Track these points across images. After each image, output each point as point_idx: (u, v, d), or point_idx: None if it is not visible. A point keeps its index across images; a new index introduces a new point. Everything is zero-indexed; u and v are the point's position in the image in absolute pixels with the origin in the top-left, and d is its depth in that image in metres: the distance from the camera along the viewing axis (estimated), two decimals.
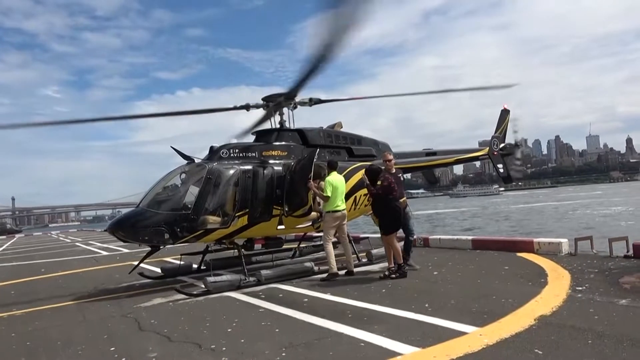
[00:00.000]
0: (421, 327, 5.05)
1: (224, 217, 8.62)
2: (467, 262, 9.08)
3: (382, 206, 8.21)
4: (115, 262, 14.90)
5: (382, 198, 8.15)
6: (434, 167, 13.61)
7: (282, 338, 5.04)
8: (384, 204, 8.17)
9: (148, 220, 8.25)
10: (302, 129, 10.43)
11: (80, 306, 7.87)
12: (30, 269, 15.26)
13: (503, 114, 14.76)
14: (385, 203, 8.14)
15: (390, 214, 8.16)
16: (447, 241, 11.60)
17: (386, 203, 8.14)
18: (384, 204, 8.18)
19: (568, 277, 6.93)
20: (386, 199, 8.12)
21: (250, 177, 8.88)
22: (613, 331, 4.37)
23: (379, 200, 8.22)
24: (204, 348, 4.90)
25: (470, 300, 6.00)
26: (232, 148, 9.21)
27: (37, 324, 6.83)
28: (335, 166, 8.97)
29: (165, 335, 5.53)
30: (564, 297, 5.81)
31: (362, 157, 11.06)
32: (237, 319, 6.05)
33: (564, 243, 9.22)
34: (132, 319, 6.55)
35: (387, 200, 8.12)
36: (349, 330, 5.08)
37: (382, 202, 8.19)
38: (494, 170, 14.66)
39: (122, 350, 5.07)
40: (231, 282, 8.08)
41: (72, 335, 5.92)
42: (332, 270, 8.38)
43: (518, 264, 8.48)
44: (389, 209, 8.16)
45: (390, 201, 8.13)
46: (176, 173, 8.98)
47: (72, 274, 13.00)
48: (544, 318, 4.98)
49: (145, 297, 8.11)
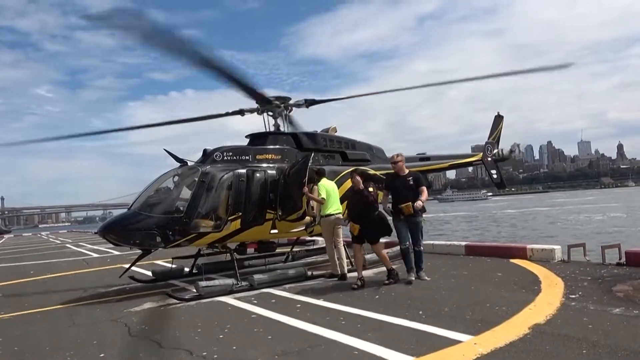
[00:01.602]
0: (415, 335, 5.01)
1: (216, 220, 8.54)
2: (461, 268, 9.07)
3: (368, 214, 8.04)
4: (105, 265, 14.75)
5: (368, 205, 8.03)
6: (428, 172, 13.60)
7: (275, 345, 4.98)
8: (371, 212, 8.03)
9: (140, 224, 8.16)
10: (296, 132, 10.41)
11: (70, 310, 7.76)
12: (19, 271, 15.06)
13: (497, 120, 14.81)
14: (373, 211, 8.05)
15: (377, 223, 8.04)
16: (441, 247, 11.58)
17: (374, 211, 8.05)
18: (371, 212, 8.03)
19: (561, 285, 6.92)
20: (373, 207, 8.06)
21: (244, 181, 8.81)
22: (608, 341, 4.36)
23: (365, 208, 8.06)
24: (195, 355, 4.83)
25: (464, 308, 5.97)
26: (226, 151, 9.13)
27: (25, 327, 6.73)
28: (324, 173, 9.05)
29: (155, 341, 5.46)
30: (557, 305, 5.80)
31: (356, 161, 11.04)
32: (229, 325, 5.98)
33: (557, 250, 9.23)
34: (122, 324, 6.45)
35: (374, 209, 8.06)
36: (342, 338, 5.03)
37: (369, 210, 8.04)
38: (487, 176, 14.70)
39: (112, 356, 5.00)
40: (223, 287, 8.00)
41: (61, 341, 5.83)
42: (335, 272, 8.72)
43: (511, 270, 8.47)
44: (376, 218, 8.03)
45: (376, 209, 8.08)
46: (169, 176, 8.90)
47: (62, 276, 12.84)
48: (538, 327, 4.96)
49: (136, 301, 8.01)
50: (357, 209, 8.17)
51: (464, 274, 8.50)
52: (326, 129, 11.32)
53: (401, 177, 8.22)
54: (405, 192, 8.04)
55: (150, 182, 8.92)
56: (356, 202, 8.24)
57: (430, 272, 8.75)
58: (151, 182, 8.87)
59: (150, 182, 8.92)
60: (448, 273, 8.64)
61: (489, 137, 14.37)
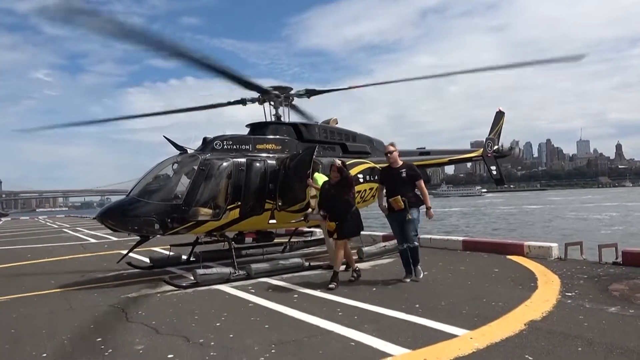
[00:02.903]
0: (411, 327, 5.03)
1: (215, 209, 8.55)
2: (458, 263, 9.09)
3: (346, 210, 7.51)
4: (103, 250, 14.75)
5: (346, 200, 7.54)
6: (427, 167, 13.60)
7: (272, 334, 5.00)
8: (348, 208, 7.54)
9: (138, 210, 8.16)
10: (297, 123, 10.38)
11: (67, 294, 7.77)
12: (16, 254, 15.06)
13: (498, 116, 14.81)
14: (350, 207, 7.57)
15: (352, 220, 7.53)
16: (438, 241, 11.60)
17: (350, 207, 7.58)
18: (348, 208, 7.53)
19: (558, 282, 6.95)
20: (350, 203, 7.60)
21: (243, 170, 8.79)
22: (603, 339, 4.38)
23: (343, 203, 7.53)
24: (192, 342, 4.84)
25: (460, 303, 5.99)
26: (226, 140, 9.11)
27: (22, 310, 6.73)
28: (318, 169, 9.16)
29: (152, 327, 5.46)
30: (553, 302, 5.82)
31: (357, 153, 11.05)
32: (226, 313, 5.99)
33: (554, 247, 9.25)
34: (119, 309, 6.47)
35: (351, 205, 7.61)
36: (339, 329, 5.05)
37: (347, 206, 7.53)
38: (486, 172, 14.71)
39: (109, 341, 5.00)
40: (220, 275, 8.02)
41: (57, 324, 5.83)
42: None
43: (508, 266, 8.50)
44: (352, 214, 7.54)
45: (353, 205, 7.65)
46: (168, 163, 8.87)
47: (59, 260, 12.84)
48: (534, 323, 4.98)
49: (133, 287, 8.02)
50: (335, 204, 7.56)
51: (461, 269, 8.52)
52: (327, 120, 11.29)
53: (394, 169, 7.76)
54: (397, 185, 7.57)
55: (150, 168, 8.90)
56: (333, 197, 7.63)
57: (427, 266, 8.76)
58: (150, 169, 8.85)
59: (150, 168, 8.90)
60: (445, 268, 8.66)
61: (490, 133, 14.37)
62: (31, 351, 4.82)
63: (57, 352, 4.74)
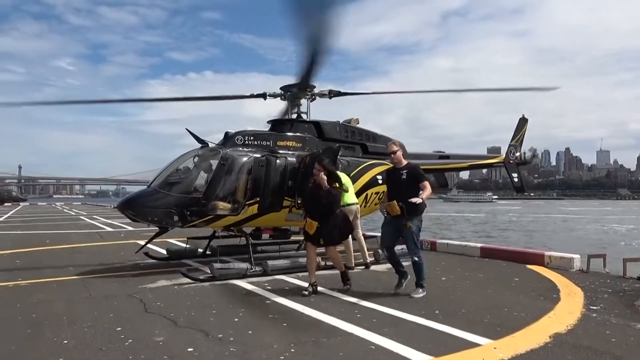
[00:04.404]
0: (432, 334, 4.95)
1: (234, 204, 8.54)
2: (476, 270, 8.96)
3: (331, 210, 6.85)
4: (119, 239, 14.89)
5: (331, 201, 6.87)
6: (446, 171, 13.45)
7: (290, 333, 4.96)
8: (334, 208, 6.90)
9: (158, 201, 8.22)
10: (318, 121, 10.31)
11: (86, 282, 7.83)
12: (35, 239, 15.29)
13: (521, 123, 14.57)
14: (336, 207, 6.96)
15: (339, 222, 6.95)
16: (455, 246, 11.46)
17: (336, 207, 6.97)
18: (333, 208, 6.90)
19: (581, 295, 6.79)
20: (336, 204, 6.99)
21: (264, 166, 8.77)
22: (631, 356, 4.26)
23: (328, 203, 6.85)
24: (211, 336, 4.82)
25: (481, 310, 5.89)
26: (247, 135, 9.10)
27: (42, 296, 6.80)
28: (339, 168, 9.14)
29: (171, 319, 5.47)
30: (578, 315, 5.68)
31: (376, 154, 10.94)
32: (244, 309, 5.97)
33: (576, 259, 9.06)
34: (138, 299, 6.49)
35: (337, 205, 7.01)
36: (358, 331, 4.99)
37: (332, 206, 6.88)
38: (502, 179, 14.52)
39: (128, 331, 5.00)
40: (237, 271, 8.01)
41: (77, 312, 5.87)
42: (349, 264, 8.38)
43: (528, 276, 8.34)
44: (339, 216, 6.96)
45: (339, 206, 7.08)
46: (190, 156, 8.89)
47: (77, 247, 12.98)
48: (559, 336, 4.86)
49: (150, 277, 8.05)
50: (319, 204, 6.88)
51: (479, 276, 8.39)
52: (348, 120, 11.20)
53: (397, 170, 6.93)
54: (397, 189, 6.76)
55: (171, 160, 8.94)
56: (317, 196, 6.92)
57: (445, 272, 8.69)
58: (172, 161, 8.88)
59: (171, 160, 8.94)
60: (463, 274, 8.53)
61: (512, 140, 14.14)
62: (52, 337, 4.86)
63: (78, 340, 4.76)
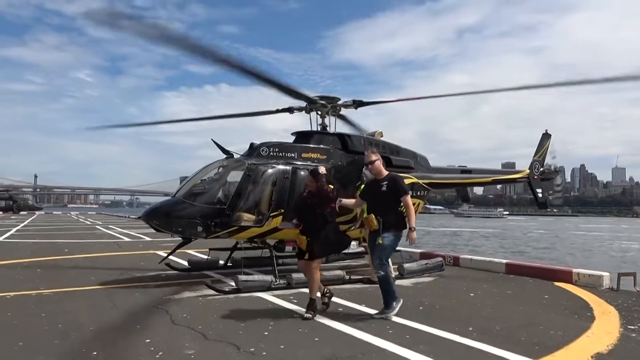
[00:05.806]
0: (469, 351, 4.80)
1: (258, 215, 8.47)
2: (503, 286, 8.76)
3: (324, 223, 6.36)
4: (138, 250, 14.90)
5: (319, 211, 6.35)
6: (470, 185, 13.28)
7: (323, 348, 4.84)
8: (327, 220, 6.40)
9: (183, 212, 8.19)
10: (342, 133, 10.27)
11: (109, 292, 7.79)
12: (54, 248, 15.36)
13: (544, 138, 14.40)
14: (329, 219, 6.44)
15: (331, 233, 6.46)
16: (479, 262, 11.25)
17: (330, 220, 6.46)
18: (326, 220, 6.39)
19: (616, 314, 6.58)
20: (329, 215, 6.46)
21: (288, 178, 8.72)
22: None
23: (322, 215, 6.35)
24: (243, 350, 4.72)
25: (516, 328, 5.72)
26: (272, 147, 9.07)
27: (66, 306, 6.75)
28: None
29: (200, 332, 5.37)
30: (617, 335, 5.49)
31: (400, 167, 10.81)
32: (273, 322, 5.86)
33: (606, 277, 8.83)
34: (164, 311, 6.41)
35: (331, 217, 6.51)
36: (393, 347, 4.85)
37: (325, 218, 6.36)
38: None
39: (158, 343, 4.92)
40: (262, 283, 7.91)
41: (103, 322, 5.81)
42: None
43: (557, 294, 8.14)
44: (331, 229, 6.45)
45: (333, 218, 6.57)
46: (214, 167, 8.89)
47: (96, 257, 13.01)
48: (601, 356, 4.69)
49: (173, 289, 8.00)
50: (309, 217, 6.43)
51: (507, 292, 8.20)
52: (372, 132, 11.15)
53: (377, 181, 6.46)
54: (375, 200, 6.30)
55: (196, 171, 8.94)
56: (308, 208, 6.47)
57: (471, 287, 8.51)
58: (197, 172, 8.89)
59: (196, 171, 8.94)
60: (490, 290, 8.35)
61: (535, 155, 13.96)
62: (81, 348, 4.79)
63: (107, 351, 4.69)
